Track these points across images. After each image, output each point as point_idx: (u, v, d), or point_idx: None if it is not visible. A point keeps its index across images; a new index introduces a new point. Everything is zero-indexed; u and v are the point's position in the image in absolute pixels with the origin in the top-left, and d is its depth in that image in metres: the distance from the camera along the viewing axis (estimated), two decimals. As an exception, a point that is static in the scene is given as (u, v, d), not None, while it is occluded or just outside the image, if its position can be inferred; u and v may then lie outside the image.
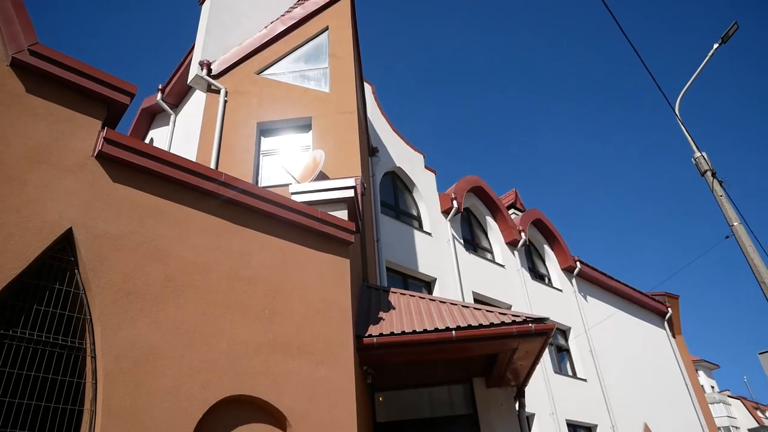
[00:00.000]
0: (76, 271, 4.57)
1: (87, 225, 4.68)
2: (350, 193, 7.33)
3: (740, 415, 73.55)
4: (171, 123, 12.87)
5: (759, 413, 74.00)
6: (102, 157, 4.99)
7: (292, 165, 9.20)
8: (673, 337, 22.77)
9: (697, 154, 9.21)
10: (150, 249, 5.01)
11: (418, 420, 8.54)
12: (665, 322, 22.81)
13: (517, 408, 8.61)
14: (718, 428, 28.18)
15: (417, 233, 14.66)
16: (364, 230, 9.80)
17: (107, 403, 4.24)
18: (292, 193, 7.25)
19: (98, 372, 4.33)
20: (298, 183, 8.38)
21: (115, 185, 5.02)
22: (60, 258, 4.55)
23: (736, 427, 71.77)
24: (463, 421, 8.38)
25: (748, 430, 72.03)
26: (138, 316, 4.68)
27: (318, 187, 7.42)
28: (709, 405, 28.17)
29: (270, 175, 9.63)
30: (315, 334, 5.90)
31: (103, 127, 5.11)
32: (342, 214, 7.21)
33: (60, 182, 4.67)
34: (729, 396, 74.96)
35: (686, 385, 21.39)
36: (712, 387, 75.56)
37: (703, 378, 73.66)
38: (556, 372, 16.24)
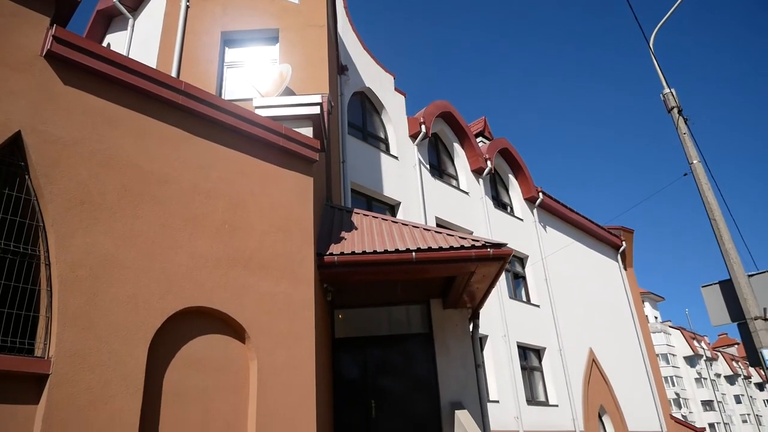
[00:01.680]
0: (27, 176, 4.40)
1: (37, 129, 4.47)
2: (316, 110, 7.16)
3: (678, 344, 78.68)
4: (129, 28, 12.13)
5: (695, 343, 79.21)
6: (51, 57, 4.71)
7: (257, 78, 8.88)
8: (625, 269, 23.73)
9: (666, 90, 9.21)
10: (105, 157, 4.85)
11: (376, 337, 8.83)
12: (618, 255, 23.68)
13: (471, 329, 8.96)
14: (657, 355, 30.05)
15: (383, 156, 14.57)
16: (329, 150, 9.68)
17: (63, 310, 4.22)
18: (256, 107, 7.04)
19: (53, 279, 4.27)
20: (263, 97, 8.12)
21: (67, 88, 4.77)
22: (9, 162, 4.37)
23: (674, 355, 76.97)
24: (418, 339, 8.71)
25: (684, 357, 77.38)
26: (93, 224, 4.59)
27: (283, 102, 7.21)
28: (651, 334, 29.87)
29: (234, 88, 9.28)
30: (276, 250, 5.91)
31: (51, 25, 4.79)
32: (307, 132, 7.07)
33: (5, 81, 4.41)
34: (670, 326, 79.81)
35: (632, 314, 22.54)
36: (656, 317, 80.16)
37: (648, 309, 77.94)
38: (511, 297, 16.87)
